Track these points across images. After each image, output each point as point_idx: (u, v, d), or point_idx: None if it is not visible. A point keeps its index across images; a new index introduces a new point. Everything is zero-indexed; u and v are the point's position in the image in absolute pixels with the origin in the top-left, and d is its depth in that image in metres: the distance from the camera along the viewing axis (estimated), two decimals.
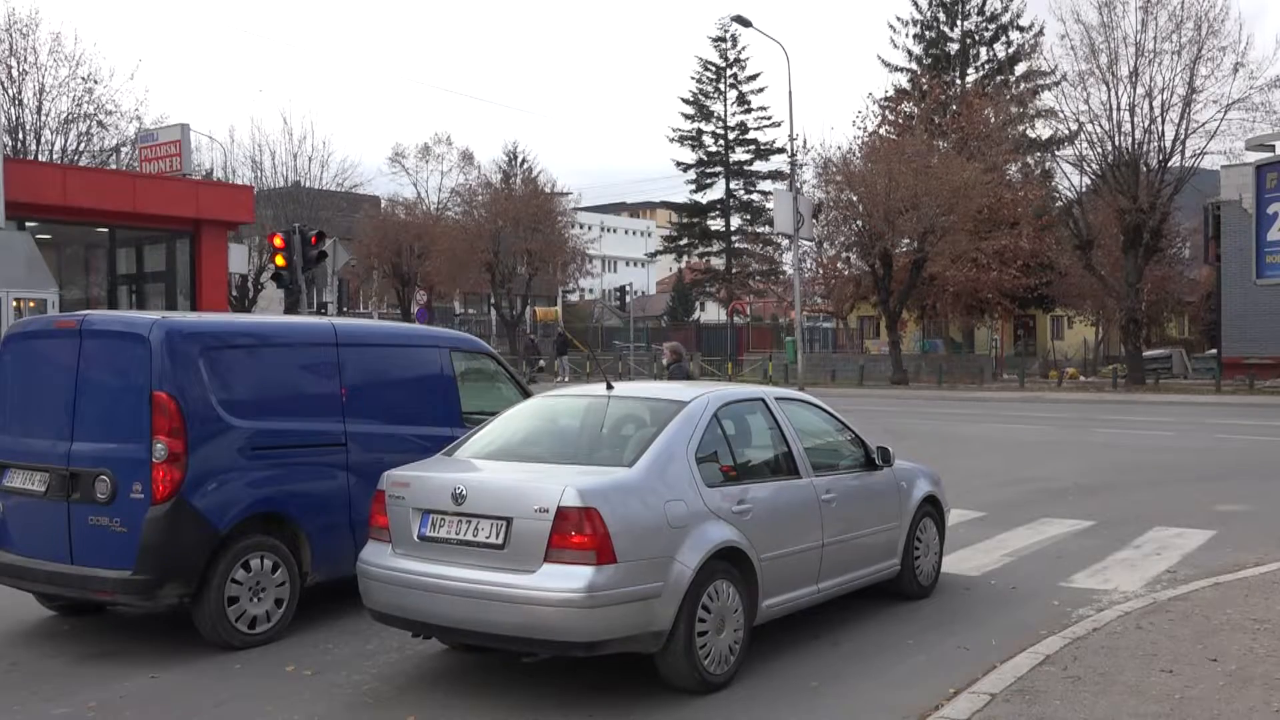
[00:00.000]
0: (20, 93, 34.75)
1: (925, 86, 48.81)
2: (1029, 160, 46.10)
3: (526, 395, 9.26)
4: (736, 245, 64.26)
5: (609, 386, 6.93)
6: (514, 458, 6.54)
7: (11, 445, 7.31)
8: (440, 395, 8.40)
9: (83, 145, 35.87)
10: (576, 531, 5.55)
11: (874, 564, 7.65)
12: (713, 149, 63.45)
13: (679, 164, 63.86)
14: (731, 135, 63.01)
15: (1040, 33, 50.64)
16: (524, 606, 5.58)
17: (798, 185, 40.29)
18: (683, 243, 66.99)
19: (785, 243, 47.22)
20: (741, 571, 6.25)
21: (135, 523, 6.59)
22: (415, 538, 6.07)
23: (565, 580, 5.53)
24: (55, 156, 34.32)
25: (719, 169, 63.60)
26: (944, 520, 8.65)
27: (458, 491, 5.94)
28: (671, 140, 63.98)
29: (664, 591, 5.75)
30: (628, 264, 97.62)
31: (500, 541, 5.76)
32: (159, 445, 6.61)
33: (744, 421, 7.07)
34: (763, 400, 7.23)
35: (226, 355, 7.16)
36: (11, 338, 7.70)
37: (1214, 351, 38.73)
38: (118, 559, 6.61)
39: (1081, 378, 42.04)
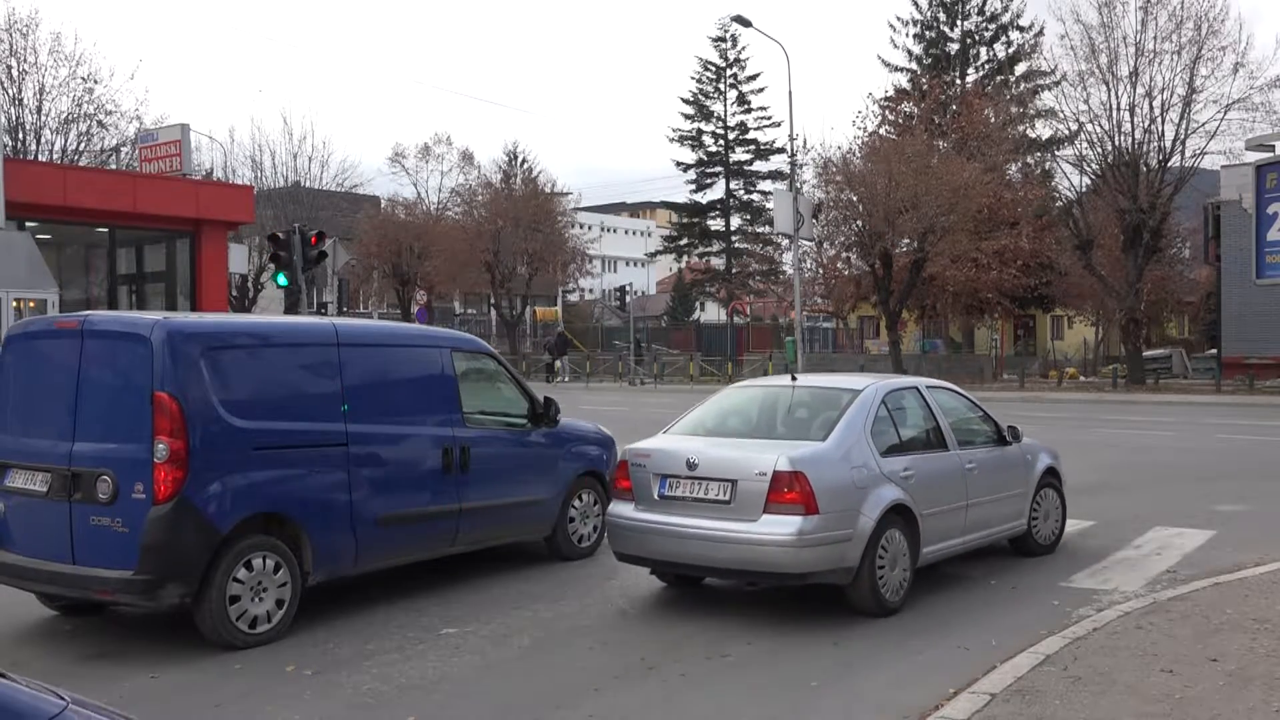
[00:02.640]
0: (20, 93, 34.77)
1: (925, 86, 48.78)
2: (1029, 160, 46.08)
3: (528, 394, 9.43)
4: (736, 245, 64.26)
5: (793, 378, 8.86)
6: (726, 434, 8.24)
7: (13, 445, 7.32)
8: (441, 395, 8.48)
9: (83, 145, 35.89)
10: (789, 490, 7.19)
11: (1006, 523, 9.12)
12: (713, 149, 63.44)
13: (679, 164, 63.89)
14: (731, 135, 63.00)
15: (1040, 33, 50.67)
16: (749, 547, 7.26)
17: (798, 185, 40.27)
18: (683, 243, 66.98)
19: (785, 243, 47.20)
20: (907, 524, 7.79)
21: (137, 523, 6.60)
22: (655, 496, 7.73)
23: (781, 527, 7.16)
24: (55, 156, 34.31)
25: (719, 169, 63.59)
26: (1063, 490, 9.99)
27: (691, 460, 7.59)
28: (671, 140, 64.03)
29: (853, 537, 7.37)
30: (628, 264, 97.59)
31: (727, 498, 7.39)
32: (160, 445, 6.63)
33: (903, 405, 8.48)
34: (917, 388, 8.79)
35: (228, 355, 7.19)
36: (13, 338, 7.73)
37: (1214, 351, 38.72)
38: (119, 559, 6.63)
39: (1081, 378, 42.04)
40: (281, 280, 20.48)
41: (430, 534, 8.34)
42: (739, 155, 63.37)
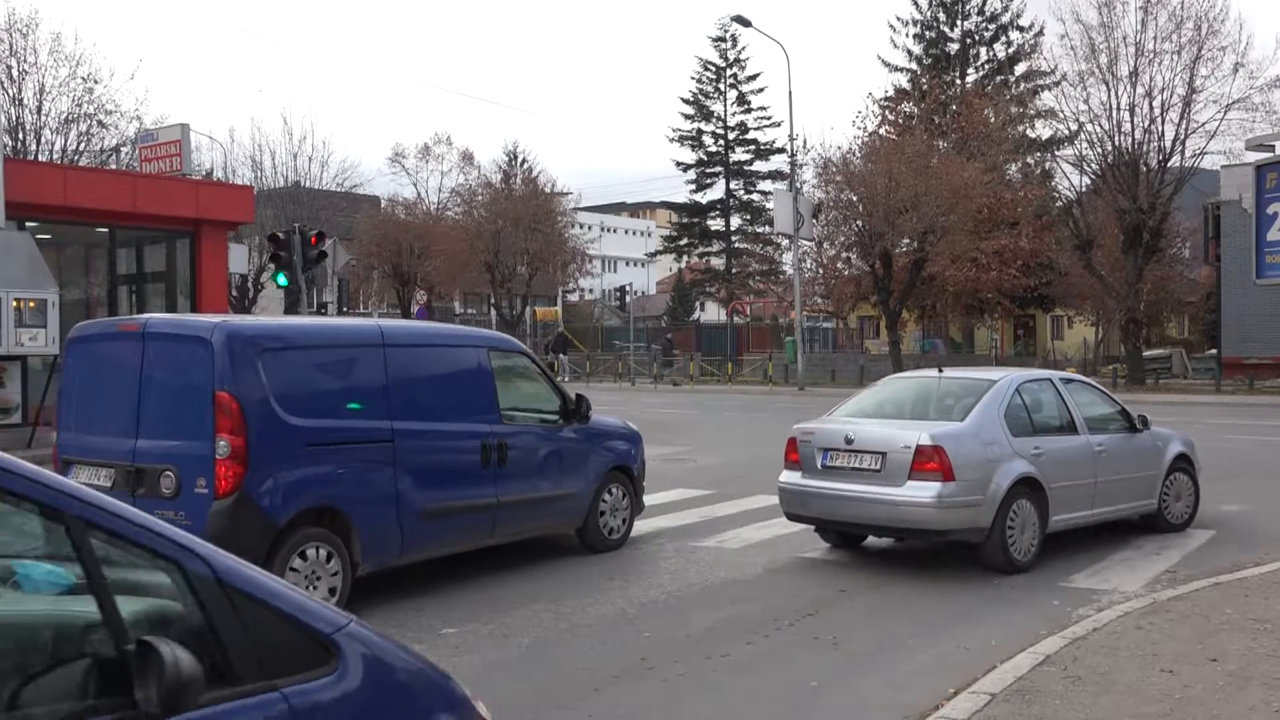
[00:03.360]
0: (20, 93, 34.74)
1: (925, 86, 48.78)
2: (1029, 160, 46.07)
3: (560, 392, 9.92)
4: (736, 245, 64.26)
5: (940, 370, 10.09)
6: (879, 416, 9.59)
7: (77, 443, 7.68)
8: (479, 393, 8.90)
9: (83, 145, 35.86)
10: (929, 461, 8.57)
11: (1135, 501, 10.20)
12: (713, 149, 63.45)
13: (679, 164, 63.90)
14: (731, 135, 63.01)
15: (1040, 33, 50.65)
16: (896, 507, 8.71)
17: (798, 185, 40.30)
18: (683, 243, 66.98)
19: (785, 243, 47.21)
20: (1036, 494, 8.98)
21: (200, 516, 6.87)
22: (819, 467, 9.26)
23: (923, 491, 8.57)
24: (55, 156, 34.30)
25: (719, 169, 63.60)
26: (1196, 474, 10.75)
27: (848, 437, 9.10)
28: (671, 140, 64.04)
29: (984, 502, 8.64)
30: (628, 264, 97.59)
31: (878, 468, 8.83)
32: (222, 442, 6.98)
33: (1037, 394, 9.70)
34: (1050, 380, 10.09)
35: (282, 356, 7.53)
36: (75, 341, 8.09)
37: (1214, 351, 38.72)
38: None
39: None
40: (281, 280, 20.47)
41: (470, 526, 8.69)
42: (739, 155, 63.39)
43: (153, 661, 2.19)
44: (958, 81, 52.05)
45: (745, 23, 38.16)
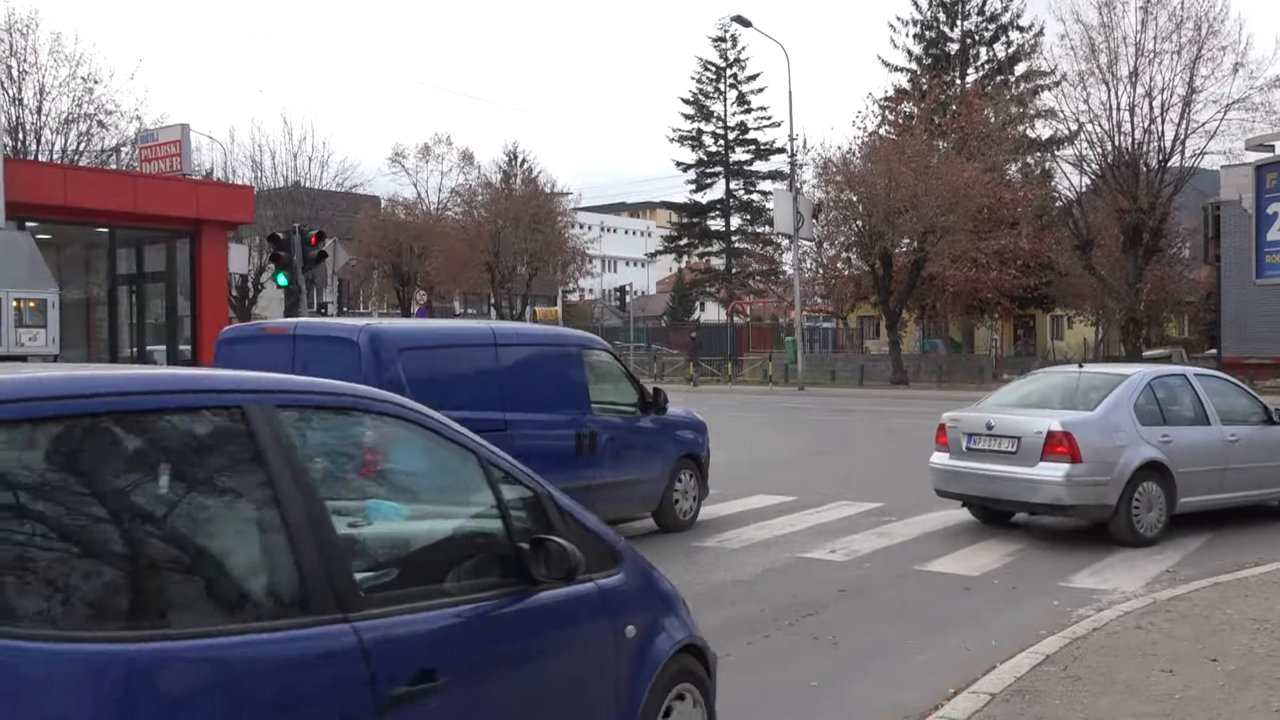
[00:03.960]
0: (20, 93, 34.76)
1: (925, 86, 48.80)
2: (1029, 160, 46.09)
3: (638, 386, 10.86)
4: (736, 245, 64.27)
5: (1080, 366, 11.60)
6: (1019, 405, 10.73)
7: None
8: (574, 386, 9.92)
9: (83, 145, 35.89)
10: (1059, 445, 9.67)
11: (1266, 489, 10.99)
12: (713, 149, 63.46)
13: (679, 164, 63.92)
14: (731, 135, 63.01)
15: (1040, 33, 50.68)
16: (1029, 485, 9.84)
17: (798, 185, 40.31)
18: (683, 243, 67.00)
19: (785, 243, 47.22)
20: (1163, 478, 9.95)
21: None
22: (964, 449, 10.49)
23: (1053, 471, 9.68)
24: (55, 156, 34.31)
25: (719, 169, 63.61)
26: None
27: (989, 423, 10.32)
28: (671, 140, 64.07)
29: (1110, 482, 9.67)
30: (628, 264, 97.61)
31: (1014, 450, 9.98)
32: None
33: (1170, 388, 10.64)
34: (1184, 375, 11.03)
35: (415, 355, 8.48)
36: (224, 343, 9.12)
37: (1214, 351, 38.70)
38: None
39: None
40: (281, 280, 20.47)
41: None
42: (739, 155, 63.41)
43: (546, 551, 3.44)
44: (958, 81, 52.06)
45: (745, 23, 38.17)
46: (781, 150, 55.71)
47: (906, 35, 53.79)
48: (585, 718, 3.79)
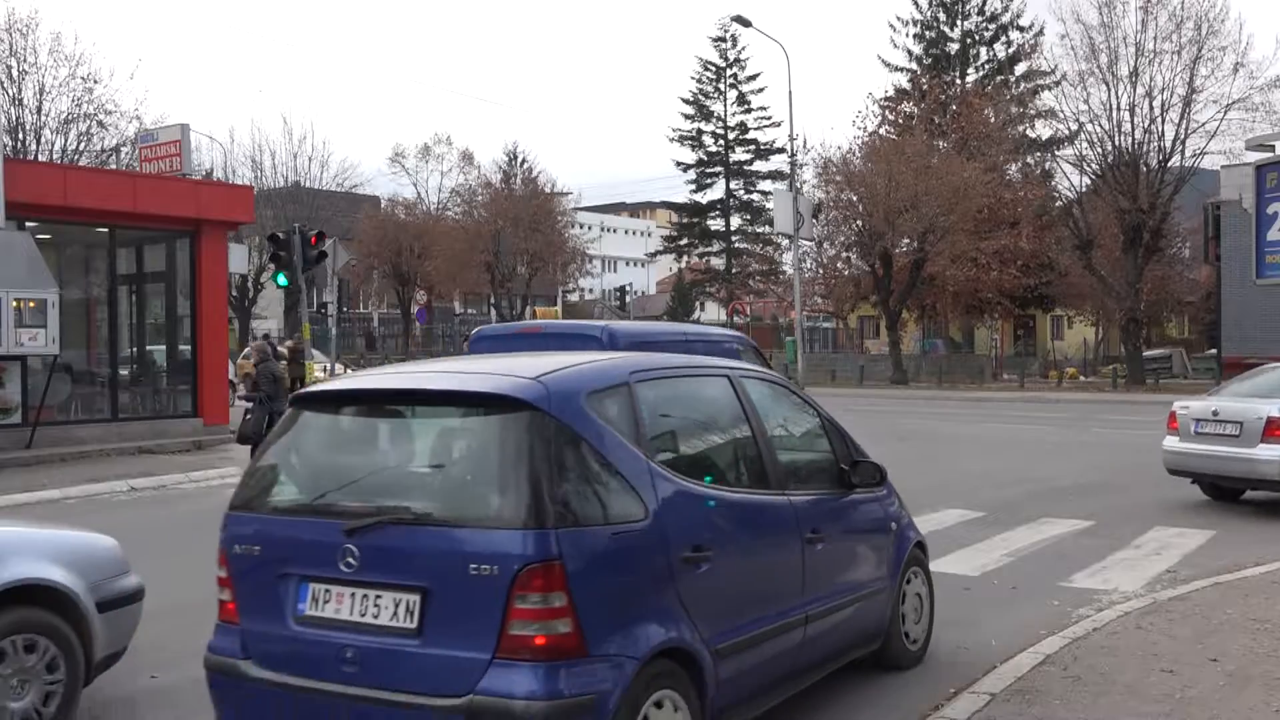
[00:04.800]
0: (20, 93, 34.80)
1: (925, 86, 48.81)
2: (1029, 160, 46.10)
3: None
4: (736, 245, 64.27)
5: None
6: (1251, 396, 11.78)
7: None
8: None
9: (83, 145, 35.90)
10: (1277, 429, 11.02)
11: None
12: (713, 149, 63.46)
13: (679, 164, 63.92)
14: (731, 135, 63.01)
15: (1040, 33, 50.71)
16: (1250, 464, 11.22)
17: (798, 185, 40.30)
18: (683, 243, 67.00)
19: (785, 243, 47.22)
20: None
21: None
22: (1193, 433, 11.87)
23: (1272, 452, 11.02)
24: (55, 156, 34.32)
25: (719, 169, 63.61)
26: None
27: (1215, 410, 11.72)
28: (671, 140, 64.08)
29: None
30: (628, 264, 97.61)
31: (1237, 434, 11.37)
32: None
33: None
34: None
35: (644, 348, 9.54)
36: (480, 339, 10.53)
37: (1214, 351, 38.71)
38: None
39: (1081, 378, 42.04)
40: (281, 280, 20.49)
41: None
42: (739, 155, 63.41)
43: (859, 469, 5.90)
44: (958, 81, 52.08)
45: (745, 23, 38.14)
46: (781, 150, 55.80)
47: (906, 35, 53.87)
48: (874, 572, 6.12)
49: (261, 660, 4.32)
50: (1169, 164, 35.29)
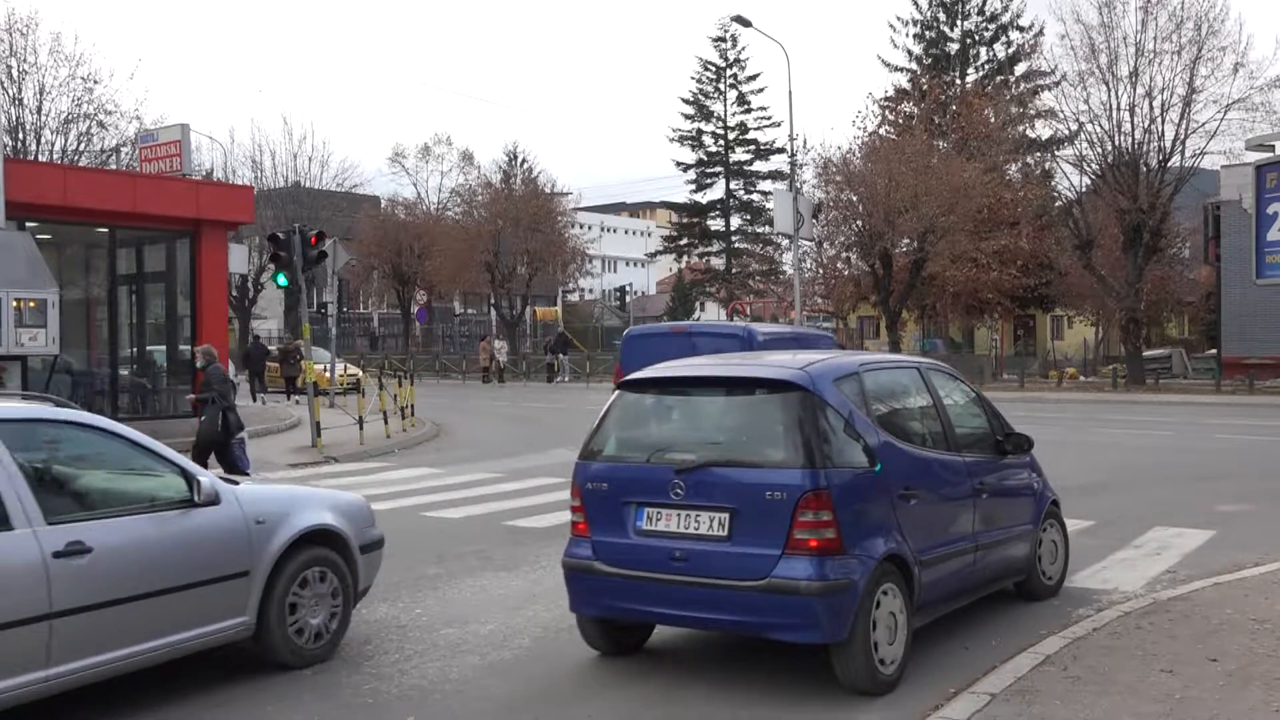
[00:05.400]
0: (20, 93, 34.74)
1: (925, 86, 48.79)
2: (1029, 160, 46.06)
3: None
4: (736, 245, 64.26)
5: None
6: None
7: None
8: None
9: (83, 145, 35.84)
10: None
11: None
12: (713, 149, 63.44)
13: (679, 164, 63.89)
14: (731, 135, 63.00)
15: (1040, 33, 50.67)
16: None
17: (798, 185, 40.27)
18: (683, 243, 66.97)
19: (785, 243, 47.19)
20: None
21: None
22: None
23: None
24: (55, 156, 34.28)
25: (719, 169, 63.59)
26: None
27: None
28: (671, 140, 64.04)
29: None
30: (628, 264, 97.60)
31: None
32: None
33: None
34: None
35: (774, 343, 12.96)
36: (634, 337, 13.65)
37: (1214, 351, 38.70)
38: None
39: (1081, 378, 42.01)
40: (281, 280, 20.48)
41: None
42: (739, 155, 63.39)
43: (1012, 440, 7.72)
44: (958, 81, 52.05)
45: (745, 23, 38.09)
46: (781, 150, 55.79)
47: (906, 35, 53.83)
48: (1021, 520, 7.78)
49: (608, 560, 6.28)
50: (1169, 164, 35.26)
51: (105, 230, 19.14)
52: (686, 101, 63.42)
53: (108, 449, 6.09)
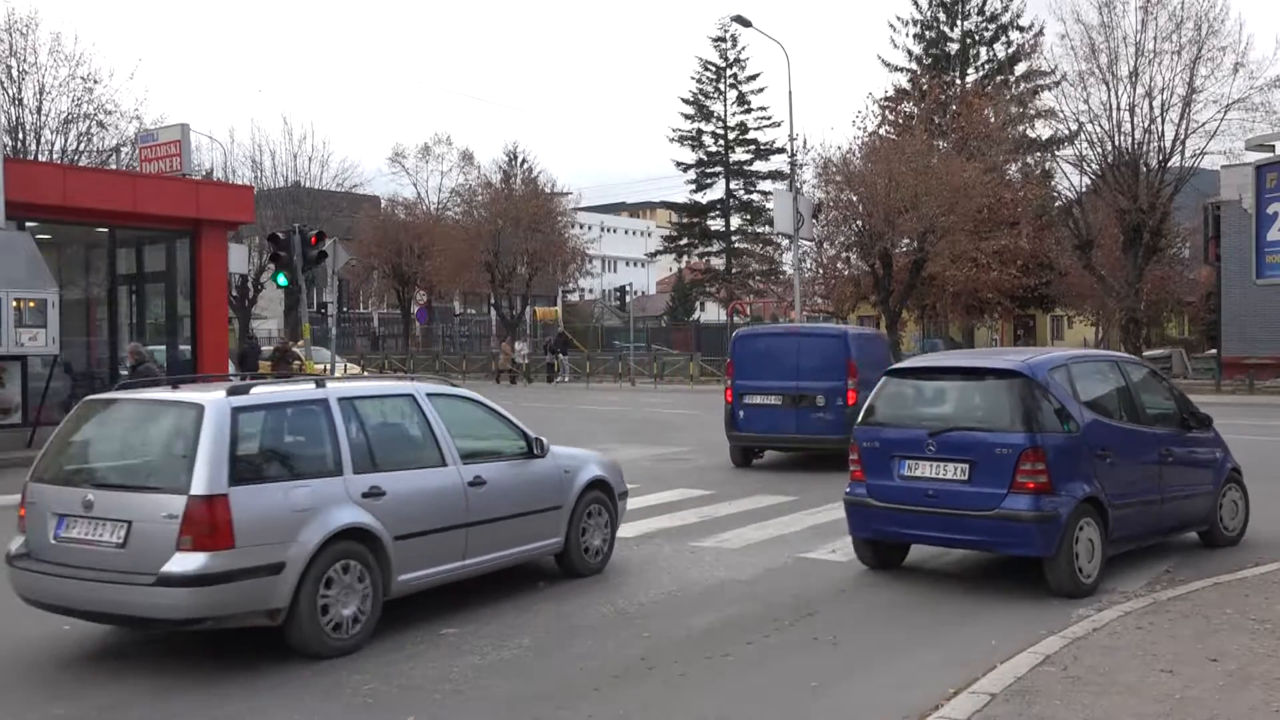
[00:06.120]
0: (20, 93, 34.70)
1: (925, 86, 48.76)
2: (1029, 160, 46.05)
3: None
4: (736, 245, 64.22)
5: None
6: None
7: (751, 385, 15.57)
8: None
9: (83, 145, 35.79)
10: None
11: None
12: (713, 149, 63.40)
13: (679, 164, 63.84)
14: (731, 135, 62.97)
15: (1040, 33, 50.63)
16: None
17: (798, 185, 40.25)
18: (683, 243, 66.93)
19: (785, 243, 47.16)
20: None
21: (839, 416, 14.60)
22: None
23: None
24: (55, 156, 34.25)
25: (719, 169, 63.56)
26: None
27: None
28: (671, 140, 63.97)
29: None
30: (628, 264, 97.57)
31: None
32: (851, 381, 14.77)
33: None
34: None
35: (868, 342, 16.01)
36: (743, 337, 16.66)
37: (1214, 351, 38.69)
38: (831, 431, 14.67)
39: None
40: (281, 280, 20.49)
41: None
42: (739, 155, 63.34)
43: (1195, 418, 9.65)
44: (958, 81, 52.03)
45: (745, 23, 38.05)
46: (781, 150, 55.75)
47: (906, 35, 53.81)
48: (1202, 481, 9.47)
49: (877, 497, 8.64)
50: (1169, 164, 35.24)
51: (105, 230, 19.13)
52: (686, 101, 63.41)
53: (483, 416, 8.64)
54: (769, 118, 62.54)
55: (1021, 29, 52.27)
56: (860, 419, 9.04)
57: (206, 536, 6.20)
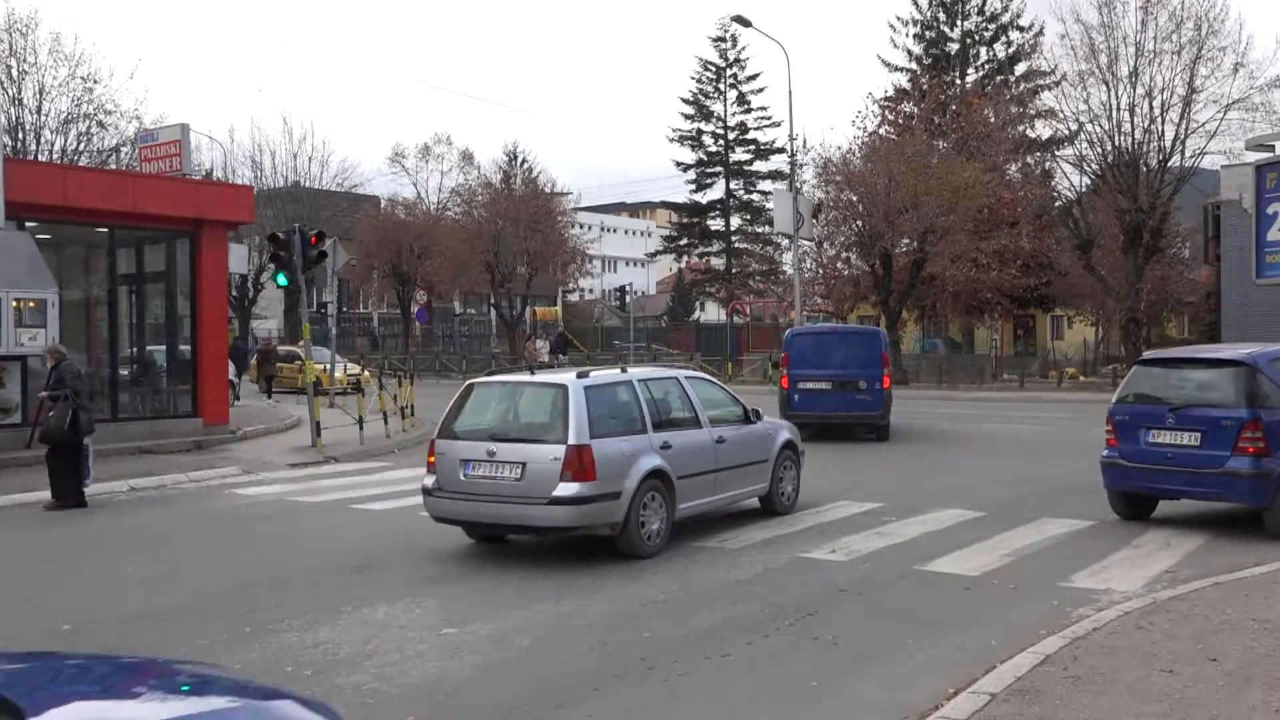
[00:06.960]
0: (20, 93, 34.74)
1: (925, 86, 48.73)
2: (1029, 160, 46.04)
3: None
4: (736, 245, 64.21)
5: None
6: None
7: (804, 374, 19.19)
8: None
9: (83, 145, 35.83)
10: None
11: None
12: (713, 149, 63.38)
13: (679, 164, 63.82)
14: (731, 135, 62.95)
15: (1040, 33, 50.59)
16: None
17: (798, 185, 40.27)
18: (683, 243, 66.92)
19: (785, 243, 47.18)
20: None
21: (876, 397, 19.00)
22: None
23: None
24: (55, 156, 34.27)
25: (719, 169, 63.54)
26: None
27: None
28: (671, 140, 63.93)
29: None
30: (628, 264, 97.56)
31: None
32: (885, 369, 19.16)
33: None
34: None
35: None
36: (796, 335, 20.69)
37: None
38: (871, 408, 19.05)
39: (1081, 378, 41.99)
40: (281, 280, 20.47)
41: None
42: (739, 155, 63.31)
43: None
44: (958, 81, 52.02)
45: (745, 23, 38.07)
46: (781, 150, 55.67)
47: (906, 35, 53.77)
48: None
49: (1127, 459, 10.87)
50: (1169, 164, 35.25)
51: (105, 230, 19.11)
52: (686, 101, 63.38)
53: (719, 393, 11.49)
54: (769, 118, 62.56)
55: (1021, 29, 52.27)
56: (1116, 397, 11.40)
57: (580, 472, 9.06)
